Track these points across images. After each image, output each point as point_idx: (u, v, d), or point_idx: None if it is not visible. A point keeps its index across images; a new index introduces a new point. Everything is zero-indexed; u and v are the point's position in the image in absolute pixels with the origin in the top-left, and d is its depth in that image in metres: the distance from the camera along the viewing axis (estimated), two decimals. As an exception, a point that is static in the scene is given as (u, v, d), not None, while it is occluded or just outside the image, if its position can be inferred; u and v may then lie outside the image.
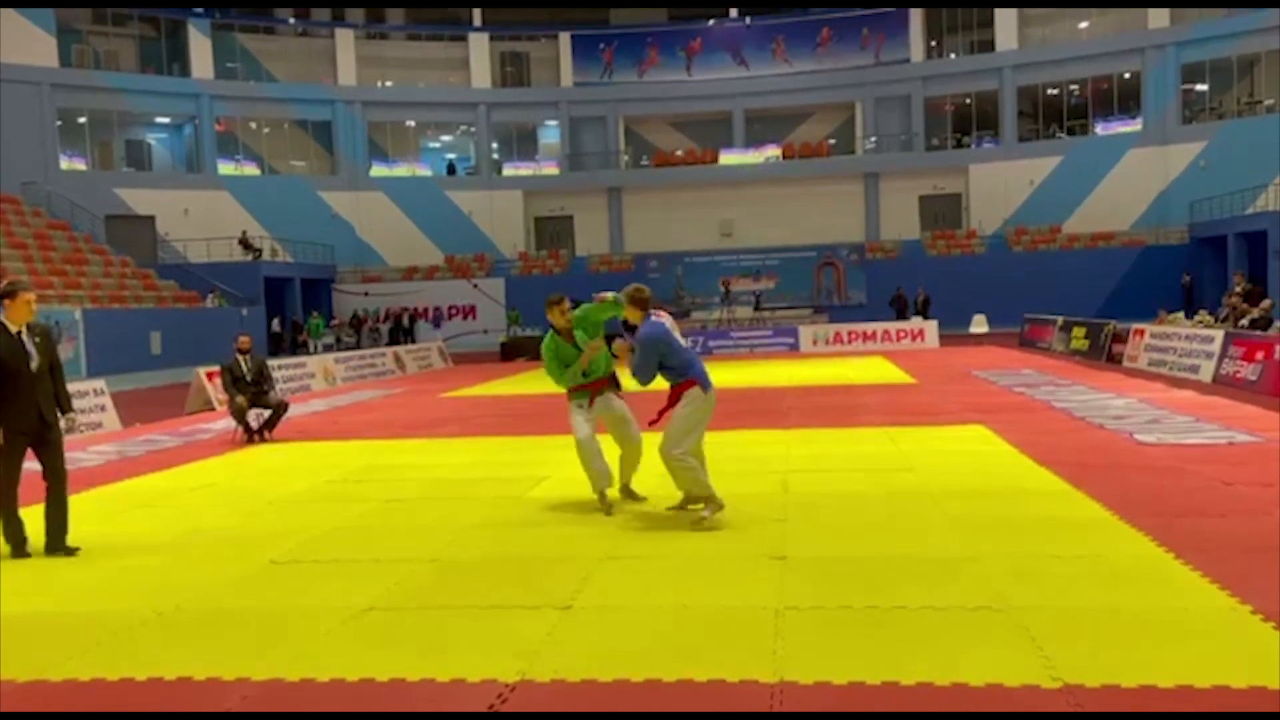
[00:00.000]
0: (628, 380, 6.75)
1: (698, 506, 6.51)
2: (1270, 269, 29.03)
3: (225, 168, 39.71)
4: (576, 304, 7.07)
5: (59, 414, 6.27)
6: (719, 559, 5.56)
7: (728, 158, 42.37)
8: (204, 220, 37.06)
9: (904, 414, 11.98)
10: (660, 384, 6.51)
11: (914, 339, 27.03)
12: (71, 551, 6.19)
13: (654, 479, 7.17)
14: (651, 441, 6.75)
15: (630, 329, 6.61)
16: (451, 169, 43.57)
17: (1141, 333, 17.73)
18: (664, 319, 6.52)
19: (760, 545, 5.82)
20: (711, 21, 43.38)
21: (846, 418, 11.87)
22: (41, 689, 3.99)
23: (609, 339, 7.02)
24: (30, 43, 34.75)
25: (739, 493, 7.00)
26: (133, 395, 17.76)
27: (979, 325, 32.63)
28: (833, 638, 4.23)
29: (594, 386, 6.94)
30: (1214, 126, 37.31)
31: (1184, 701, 3.46)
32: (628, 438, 7.05)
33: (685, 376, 6.42)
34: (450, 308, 39.46)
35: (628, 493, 7.18)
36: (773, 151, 42.49)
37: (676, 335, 6.52)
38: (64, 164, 36.04)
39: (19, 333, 6.03)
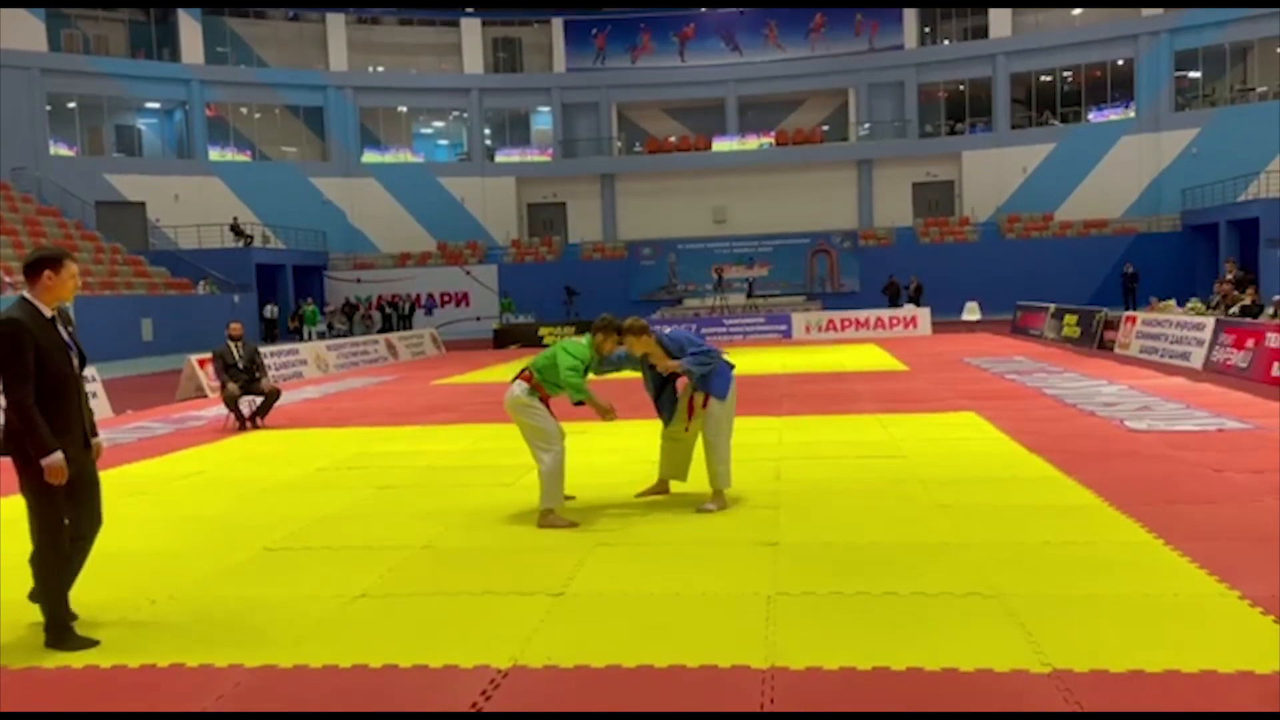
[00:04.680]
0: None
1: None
2: (1262, 257, 29.10)
3: (216, 154, 39.51)
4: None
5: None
6: (711, 545, 5.58)
7: (721, 144, 42.29)
8: (195, 207, 36.92)
9: (896, 401, 12.00)
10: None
11: (906, 326, 27.06)
12: (70, 618, 4.43)
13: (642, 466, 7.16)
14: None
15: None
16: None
17: (1133, 320, 17.78)
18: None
19: (752, 531, 5.84)
20: (704, 8, 43.22)
21: (839, 405, 11.90)
22: (35, 675, 4.00)
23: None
24: (19, 28, 34.51)
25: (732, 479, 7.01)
26: (124, 382, 17.71)
27: (971, 313, 32.66)
28: (824, 623, 4.25)
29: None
30: (1207, 114, 37.34)
31: (1172, 685, 3.49)
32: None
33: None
34: (443, 295, 39.36)
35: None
36: (766, 138, 42.42)
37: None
38: (54, 150, 35.86)
39: (53, 319, 4.29)
